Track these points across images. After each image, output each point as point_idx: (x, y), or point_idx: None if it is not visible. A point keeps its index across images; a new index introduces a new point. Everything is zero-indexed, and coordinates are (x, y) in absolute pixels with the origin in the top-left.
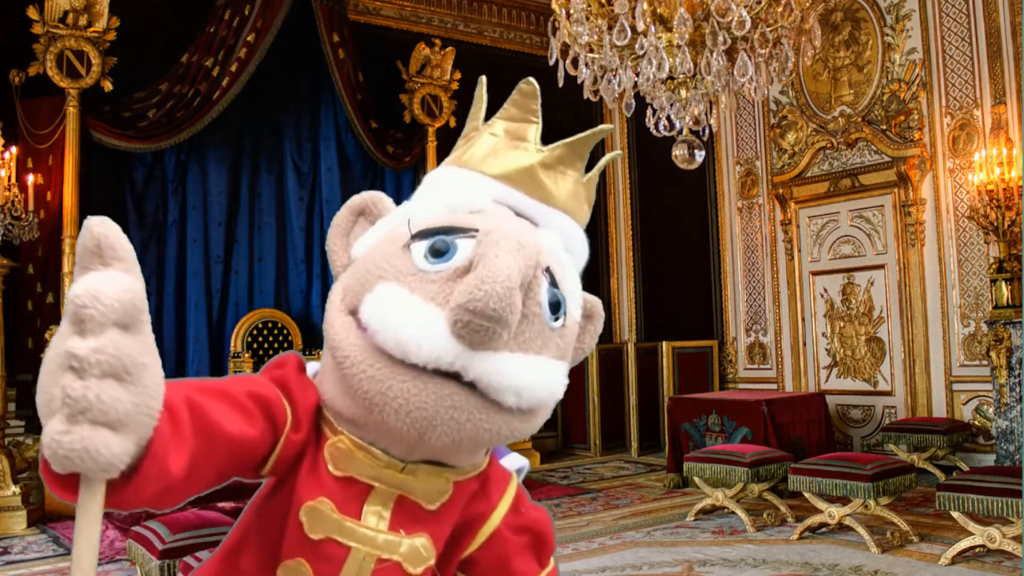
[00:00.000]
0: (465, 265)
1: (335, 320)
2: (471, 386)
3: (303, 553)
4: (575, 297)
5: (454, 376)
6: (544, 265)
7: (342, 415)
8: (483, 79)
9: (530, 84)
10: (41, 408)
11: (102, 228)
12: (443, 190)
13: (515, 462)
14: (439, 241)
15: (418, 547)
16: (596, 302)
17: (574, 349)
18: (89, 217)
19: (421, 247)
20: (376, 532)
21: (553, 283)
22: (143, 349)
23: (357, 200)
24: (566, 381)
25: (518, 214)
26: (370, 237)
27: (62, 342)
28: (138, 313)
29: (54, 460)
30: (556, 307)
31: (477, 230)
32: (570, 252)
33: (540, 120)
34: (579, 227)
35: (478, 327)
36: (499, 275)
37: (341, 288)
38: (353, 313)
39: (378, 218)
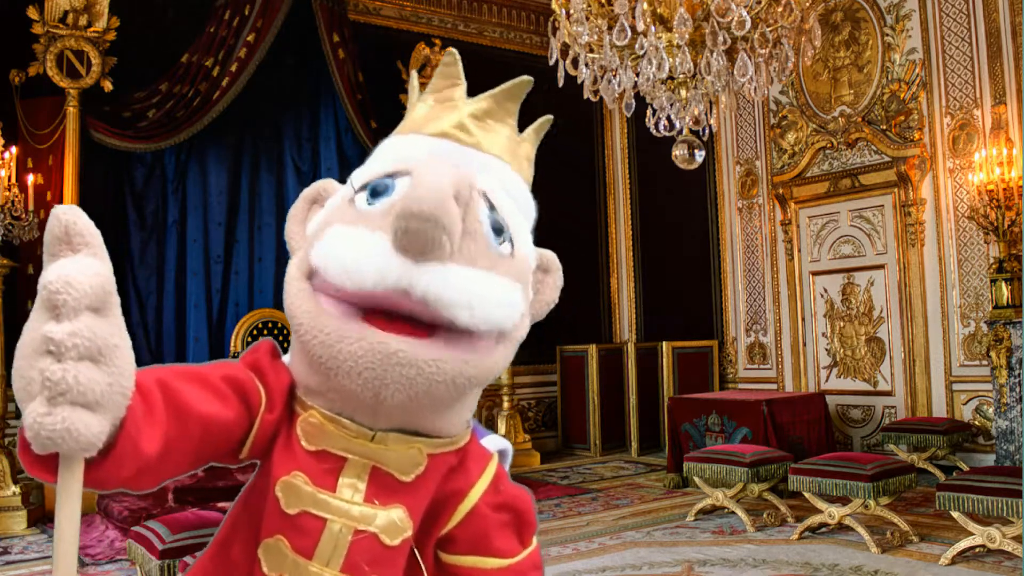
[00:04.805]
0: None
1: (292, 288)
2: (423, 332)
3: (281, 529)
4: (521, 234)
5: (407, 320)
6: (481, 189)
7: (309, 387)
8: (415, 72)
9: (451, 55)
10: (19, 392)
11: (70, 215)
12: (384, 152)
13: (496, 443)
14: (378, 183)
15: (394, 519)
16: (552, 256)
17: (537, 302)
18: (56, 205)
19: (363, 195)
20: (351, 504)
21: (492, 209)
22: (114, 331)
23: (310, 190)
24: (523, 307)
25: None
26: (321, 214)
27: (38, 327)
28: (108, 296)
29: (36, 441)
30: (499, 231)
31: (412, 171)
32: (513, 200)
33: (464, 82)
34: (521, 179)
35: (416, 230)
36: (430, 183)
37: (297, 259)
38: (310, 278)
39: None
